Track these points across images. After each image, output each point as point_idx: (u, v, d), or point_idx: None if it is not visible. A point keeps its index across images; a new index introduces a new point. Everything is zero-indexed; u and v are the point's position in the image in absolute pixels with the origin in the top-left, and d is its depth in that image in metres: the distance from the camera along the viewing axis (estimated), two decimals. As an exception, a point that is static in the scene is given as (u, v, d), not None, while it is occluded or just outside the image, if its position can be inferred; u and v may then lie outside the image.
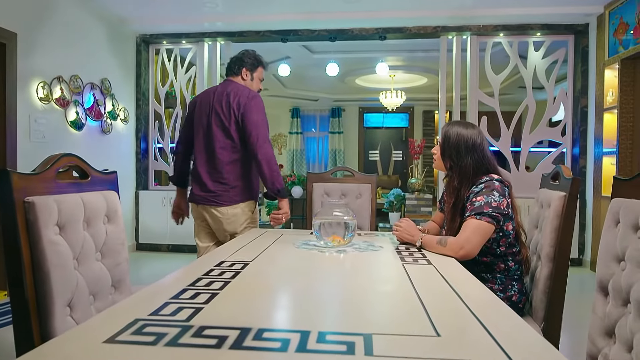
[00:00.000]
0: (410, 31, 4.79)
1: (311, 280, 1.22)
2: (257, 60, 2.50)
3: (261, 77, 2.53)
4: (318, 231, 1.67)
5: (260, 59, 2.53)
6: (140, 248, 5.20)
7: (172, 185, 5.27)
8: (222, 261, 1.40)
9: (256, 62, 2.49)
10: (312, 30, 4.91)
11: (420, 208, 4.78)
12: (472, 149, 1.70)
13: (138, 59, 5.20)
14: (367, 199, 2.53)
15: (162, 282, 1.13)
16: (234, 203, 2.28)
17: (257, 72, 2.50)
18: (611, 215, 1.21)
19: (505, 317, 0.94)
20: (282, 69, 6.08)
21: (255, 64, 2.49)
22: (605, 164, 4.33)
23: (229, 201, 2.27)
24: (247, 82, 2.46)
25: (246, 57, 2.48)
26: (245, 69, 2.45)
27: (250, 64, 2.47)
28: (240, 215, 2.30)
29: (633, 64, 4.00)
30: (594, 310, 1.22)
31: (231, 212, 2.27)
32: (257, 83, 2.51)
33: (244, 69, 2.45)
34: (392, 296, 1.10)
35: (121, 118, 4.89)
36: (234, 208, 2.28)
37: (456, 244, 1.53)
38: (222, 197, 2.27)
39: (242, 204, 2.30)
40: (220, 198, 2.27)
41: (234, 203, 2.28)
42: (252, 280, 1.19)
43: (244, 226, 2.33)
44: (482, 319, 0.89)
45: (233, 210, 2.28)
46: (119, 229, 1.22)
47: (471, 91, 4.85)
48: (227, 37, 5.09)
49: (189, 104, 2.58)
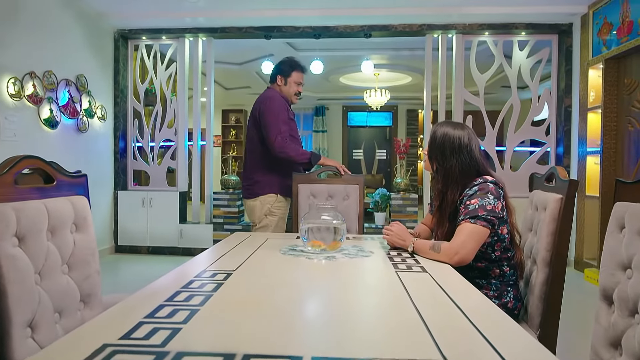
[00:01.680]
0: (395, 29, 4.73)
1: (300, 294, 1.13)
2: (291, 66, 2.73)
3: (298, 81, 2.73)
4: (306, 237, 1.58)
5: (294, 63, 2.74)
6: (118, 250, 5.03)
7: (152, 185, 5.16)
8: (204, 270, 1.30)
9: (290, 68, 2.72)
10: (296, 27, 4.81)
11: (406, 208, 4.73)
12: (457, 151, 1.62)
13: (116, 54, 5.02)
14: (355, 201, 2.45)
15: (136, 297, 1.03)
16: (253, 196, 2.64)
17: (292, 77, 2.72)
18: (615, 220, 1.15)
19: (515, 335, 0.87)
20: (265, 66, 5.96)
21: (289, 69, 2.72)
22: (589, 164, 4.35)
23: (249, 195, 2.66)
24: (282, 87, 2.72)
25: (281, 64, 2.75)
26: (280, 76, 2.73)
27: (283, 70, 2.72)
28: (258, 207, 2.63)
29: (617, 63, 4.02)
30: (597, 319, 1.16)
31: (251, 204, 2.65)
32: (294, 87, 2.73)
33: (278, 76, 2.73)
34: (389, 312, 1.01)
35: (98, 116, 4.72)
36: (254, 200, 2.64)
37: (450, 250, 1.46)
38: (247, 191, 2.69)
39: (261, 197, 2.62)
40: (246, 192, 2.70)
41: (254, 196, 2.64)
42: (235, 294, 1.09)
43: (261, 217, 2.64)
44: (491, 339, 0.81)
45: (252, 202, 2.65)
46: (89, 238, 1.10)
47: (456, 90, 4.82)
48: (209, 33, 4.95)
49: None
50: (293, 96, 2.74)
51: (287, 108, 2.68)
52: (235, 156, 10.64)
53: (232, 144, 10.78)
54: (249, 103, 2.60)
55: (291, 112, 2.74)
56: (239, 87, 8.80)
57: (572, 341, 2.41)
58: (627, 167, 3.88)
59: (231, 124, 10.86)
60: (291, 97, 2.74)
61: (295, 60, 2.75)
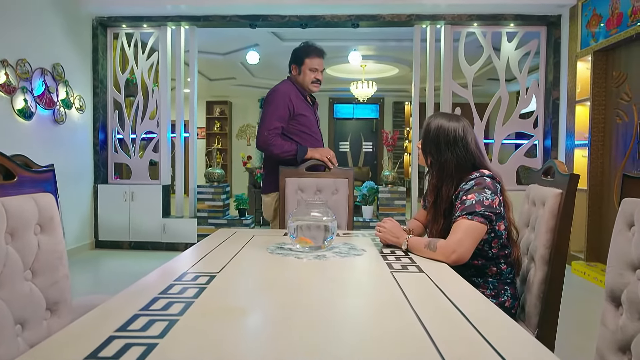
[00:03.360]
0: (384, 19, 4.64)
1: (290, 298, 1.04)
2: (305, 51, 2.49)
3: (313, 67, 2.49)
4: (294, 234, 1.50)
5: (307, 48, 2.50)
6: (99, 246, 4.88)
7: (134, 178, 5.01)
8: (185, 272, 1.21)
9: (303, 54, 2.49)
10: (282, 16, 4.68)
11: (394, 201, 4.68)
12: (452, 144, 1.55)
13: (95, 43, 4.83)
14: (344, 195, 2.36)
15: (108, 305, 0.93)
16: (265, 192, 2.57)
17: (306, 64, 2.48)
18: (623, 217, 1.09)
19: (524, 345, 0.80)
20: (250, 56, 5.82)
21: (303, 56, 2.49)
22: (576, 157, 4.34)
23: (263, 190, 2.60)
24: (297, 77, 2.52)
25: (294, 51, 2.53)
26: (294, 65, 2.52)
27: (296, 58, 2.51)
28: (269, 204, 2.55)
29: (605, 56, 3.99)
30: (603, 322, 1.10)
31: (264, 200, 2.58)
32: (309, 74, 2.49)
33: (292, 66, 2.53)
34: (388, 318, 0.93)
35: (76, 107, 4.54)
36: (267, 197, 2.56)
37: (447, 248, 1.39)
38: (262, 187, 2.64)
39: (271, 193, 2.53)
40: (262, 187, 2.64)
41: (265, 192, 2.57)
42: (219, 300, 1.00)
43: (274, 214, 2.54)
44: (498, 347, 0.74)
45: (266, 198, 2.57)
46: (56, 240, 1.00)
47: (445, 82, 4.76)
48: (192, 22, 4.79)
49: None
50: (310, 85, 2.51)
51: (292, 103, 2.46)
52: (220, 149, 10.47)
53: (216, 136, 10.60)
54: (234, 94, 2.45)
55: (303, 105, 2.52)
56: (223, 78, 8.62)
57: (570, 340, 2.38)
58: (615, 160, 3.87)
59: (215, 116, 10.67)
60: (308, 86, 2.52)
61: (309, 45, 2.51)
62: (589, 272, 3.76)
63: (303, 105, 2.52)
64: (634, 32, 3.47)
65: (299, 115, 2.49)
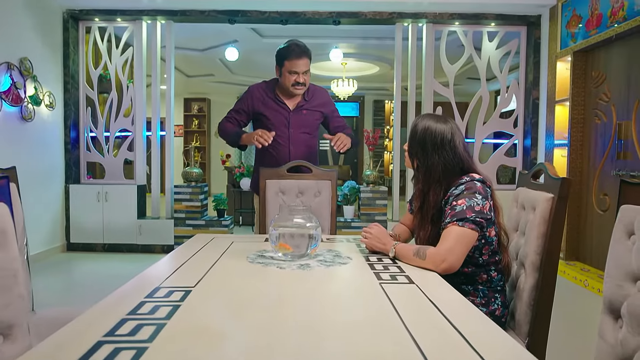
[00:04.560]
0: (365, 16, 4.57)
1: (272, 318, 0.95)
2: (283, 52, 2.33)
3: (292, 69, 2.31)
4: (276, 242, 1.41)
5: (286, 50, 2.32)
6: (71, 248, 4.68)
7: (108, 178, 4.83)
8: (157, 287, 1.11)
9: (282, 55, 2.33)
10: (262, 12, 4.57)
11: (376, 201, 4.63)
12: (440, 147, 1.49)
13: (65, 37, 4.62)
14: (327, 197, 2.29)
15: (68, 330, 0.83)
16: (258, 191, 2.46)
17: (285, 66, 2.32)
18: (622, 225, 1.04)
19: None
20: (229, 52, 5.69)
21: (282, 57, 2.33)
22: (556, 156, 4.36)
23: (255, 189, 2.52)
24: (280, 79, 2.41)
25: (276, 52, 2.39)
26: (276, 67, 2.41)
27: (277, 59, 2.38)
28: (257, 204, 2.50)
29: (585, 56, 4.02)
30: (601, 335, 1.06)
31: (257, 199, 2.51)
32: (289, 77, 2.33)
33: (276, 67, 2.41)
34: (379, 338, 0.86)
35: (46, 103, 4.34)
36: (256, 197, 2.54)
37: (437, 257, 1.33)
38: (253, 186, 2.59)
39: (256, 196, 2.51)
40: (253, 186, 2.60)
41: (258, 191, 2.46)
42: (194, 321, 0.91)
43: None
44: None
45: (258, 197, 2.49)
46: (10, 256, 0.89)
47: (426, 80, 4.73)
48: (168, 16, 4.63)
49: None
50: (291, 88, 2.35)
51: (253, 100, 2.43)
52: (198, 147, 10.27)
53: (194, 133, 10.39)
54: (213, 91, 2.34)
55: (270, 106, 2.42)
56: (201, 74, 8.44)
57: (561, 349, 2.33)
58: (594, 159, 3.90)
59: (194, 113, 10.46)
60: (289, 89, 2.37)
61: (289, 45, 2.33)
62: (569, 271, 3.79)
63: (269, 106, 2.44)
64: (613, 33, 3.49)
65: (260, 115, 2.45)
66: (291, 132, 2.45)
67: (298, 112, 2.46)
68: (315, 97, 2.52)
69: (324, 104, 2.54)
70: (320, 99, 2.54)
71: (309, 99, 2.49)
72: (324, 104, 2.54)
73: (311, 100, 2.50)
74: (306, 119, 2.48)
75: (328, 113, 2.56)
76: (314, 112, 2.51)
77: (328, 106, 2.56)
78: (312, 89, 2.52)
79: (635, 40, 3.41)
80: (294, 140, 2.45)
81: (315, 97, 2.52)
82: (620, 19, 3.42)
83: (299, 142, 2.46)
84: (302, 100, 2.47)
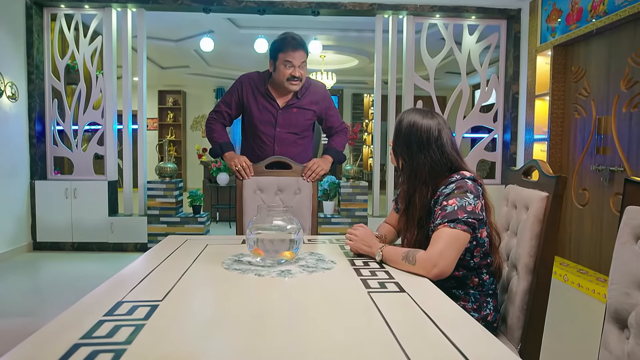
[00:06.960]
0: (345, 7, 4.46)
1: (251, 337, 0.84)
2: (277, 44, 2.18)
3: (286, 59, 2.16)
4: (253, 247, 1.30)
5: (281, 41, 2.17)
6: (38, 247, 4.46)
7: (76, 173, 4.61)
8: (120, 302, 0.98)
9: (276, 47, 2.18)
10: (238, 1, 4.40)
11: (356, 196, 4.54)
12: (426, 145, 1.39)
13: (29, 24, 4.36)
14: (308, 196, 2.18)
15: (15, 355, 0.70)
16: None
17: (280, 59, 2.17)
18: (628, 228, 0.97)
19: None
20: (204, 43, 5.48)
21: (276, 51, 2.18)
22: (535, 151, 4.36)
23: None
24: (274, 74, 2.24)
25: (269, 46, 2.27)
26: (270, 61, 2.26)
27: (270, 53, 2.23)
28: None
29: (564, 51, 4.01)
30: (605, 345, 0.99)
31: None
32: (284, 71, 2.17)
33: (270, 62, 2.26)
34: (369, 354, 0.76)
35: (8, 95, 4.08)
36: None
37: (428, 261, 1.23)
38: None
39: None
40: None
41: None
42: (159, 345, 0.79)
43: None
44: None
45: None
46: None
47: (407, 74, 4.66)
48: (140, 4, 4.42)
49: None
50: (286, 82, 2.19)
51: (243, 90, 2.28)
52: (173, 140, 10.01)
53: (169, 127, 10.12)
54: (188, 84, 2.20)
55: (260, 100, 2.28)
56: (176, 66, 8.18)
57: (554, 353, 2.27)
58: (573, 154, 3.90)
59: (168, 106, 10.17)
60: (284, 84, 2.21)
61: (285, 37, 2.18)
62: (549, 266, 3.78)
63: (258, 101, 2.29)
64: (593, 27, 3.48)
65: (247, 109, 2.31)
66: (277, 131, 2.30)
67: (287, 110, 2.31)
68: (308, 94, 2.34)
69: (317, 101, 2.36)
70: (314, 95, 2.35)
71: (301, 97, 2.32)
72: (317, 101, 2.36)
73: (303, 98, 2.33)
74: (295, 118, 2.32)
75: (321, 111, 2.39)
76: (305, 111, 2.34)
77: (322, 103, 2.38)
78: (307, 85, 2.34)
79: (616, 35, 3.40)
80: (279, 140, 2.30)
81: (308, 93, 2.34)
82: (601, 13, 3.40)
83: (286, 142, 2.32)
84: (293, 97, 2.31)
